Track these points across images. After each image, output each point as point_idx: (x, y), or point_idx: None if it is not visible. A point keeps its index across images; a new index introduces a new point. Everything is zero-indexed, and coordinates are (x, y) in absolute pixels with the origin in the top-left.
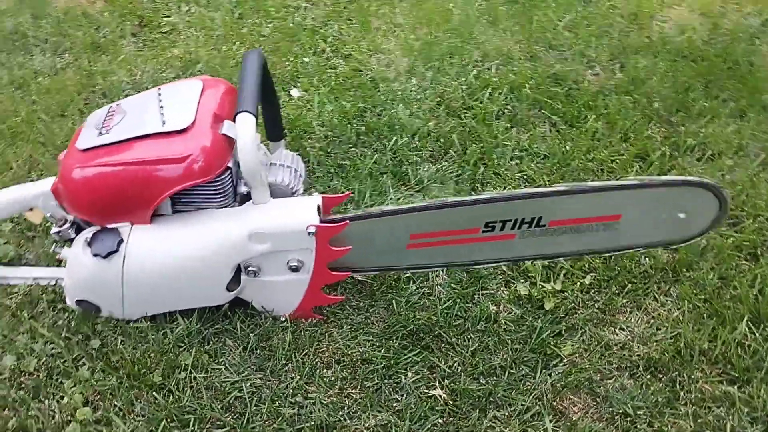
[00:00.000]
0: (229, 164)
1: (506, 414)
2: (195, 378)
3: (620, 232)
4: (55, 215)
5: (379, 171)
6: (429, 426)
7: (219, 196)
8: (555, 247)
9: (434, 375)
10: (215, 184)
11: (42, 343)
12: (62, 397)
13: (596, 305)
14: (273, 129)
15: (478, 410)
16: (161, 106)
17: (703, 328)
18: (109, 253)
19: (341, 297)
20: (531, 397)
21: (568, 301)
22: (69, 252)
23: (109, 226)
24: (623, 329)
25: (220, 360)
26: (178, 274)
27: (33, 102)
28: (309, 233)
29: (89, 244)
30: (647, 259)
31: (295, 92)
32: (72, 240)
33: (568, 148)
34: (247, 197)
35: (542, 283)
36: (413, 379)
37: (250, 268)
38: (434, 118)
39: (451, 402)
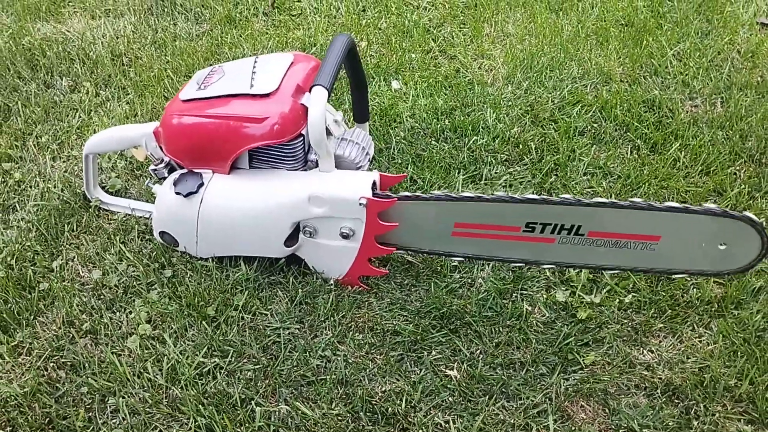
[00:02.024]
0: (303, 132)
1: (514, 405)
2: (243, 318)
3: (659, 254)
4: (155, 154)
5: (454, 166)
6: (438, 401)
7: (290, 159)
8: (592, 257)
9: (455, 357)
10: (288, 147)
11: (125, 264)
12: (130, 313)
13: (631, 324)
14: (359, 111)
15: (487, 396)
16: (254, 72)
17: (734, 365)
18: (189, 193)
19: (386, 271)
20: (542, 395)
21: (603, 315)
22: (159, 188)
23: (195, 170)
24: (652, 351)
25: (269, 307)
26: (244, 222)
27: (167, 62)
28: (360, 204)
29: (175, 183)
30: (695, 289)
31: (395, 84)
32: (165, 178)
33: (644, 172)
34: (316, 165)
35: (582, 294)
36: (435, 357)
37: (306, 228)
38: (519, 125)
39: (464, 384)
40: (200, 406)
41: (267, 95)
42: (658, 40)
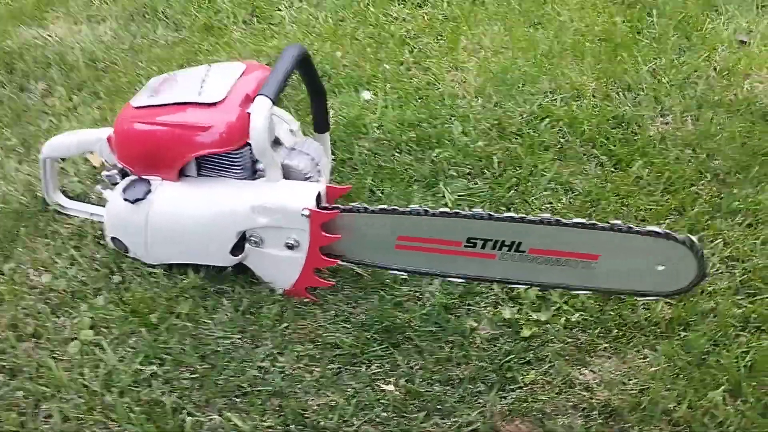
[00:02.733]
0: (250, 141)
1: (447, 423)
2: (186, 326)
3: (597, 273)
4: (108, 160)
5: (414, 179)
6: (372, 415)
7: (237, 168)
8: (534, 274)
9: (394, 372)
10: (235, 156)
11: (76, 269)
12: (75, 318)
13: (575, 343)
14: (319, 121)
15: (422, 413)
16: (203, 80)
17: (674, 388)
18: (137, 200)
19: (332, 282)
20: (477, 412)
21: (548, 333)
22: (110, 194)
23: (144, 177)
24: (593, 372)
25: (213, 315)
26: (190, 229)
27: (142, 68)
28: (303, 215)
29: (124, 189)
30: (644, 309)
31: (366, 95)
32: (117, 184)
33: (606, 188)
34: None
35: (529, 311)
36: (373, 371)
37: (252, 238)
38: (484, 139)
39: (400, 399)
40: (131, 413)
41: (214, 104)
42: (633, 56)
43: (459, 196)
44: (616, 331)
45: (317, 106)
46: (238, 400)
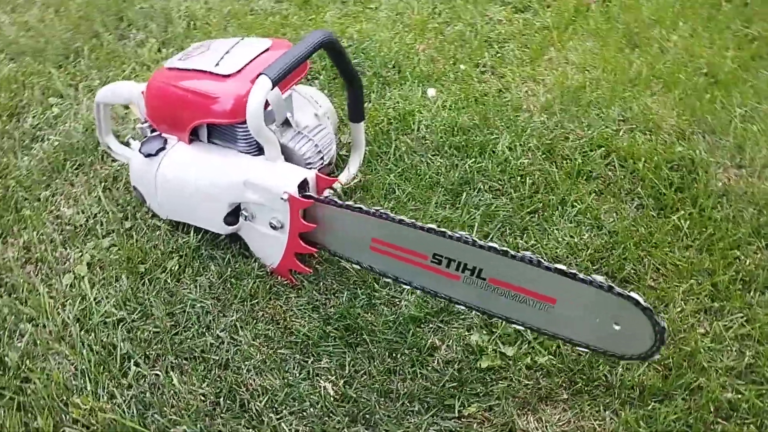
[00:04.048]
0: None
1: None
2: (167, 283)
3: (556, 319)
4: (142, 114)
5: (440, 184)
6: (298, 408)
7: (242, 141)
8: (496, 306)
9: (338, 371)
10: (239, 129)
11: (98, 208)
12: (79, 252)
13: (533, 387)
14: (352, 111)
15: (348, 419)
16: (227, 52)
17: None
18: (149, 155)
19: (309, 270)
20: (402, 431)
21: (509, 369)
22: (134, 145)
23: (164, 135)
24: (539, 421)
25: (197, 278)
26: (189, 192)
27: (228, 32)
28: (282, 199)
29: (142, 143)
30: (625, 369)
31: (431, 92)
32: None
33: (637, 232)
34: None
35: (498, 342)
36: (319, 366)
37: (244, 212)
38: (529, 157)
39: (332, 400)
40: (88, 351)
41: (227, 76)
42: (729, 97)
43: (475, 209)
44: (582, 384)
45: (351, 96)
46: (186, 362)
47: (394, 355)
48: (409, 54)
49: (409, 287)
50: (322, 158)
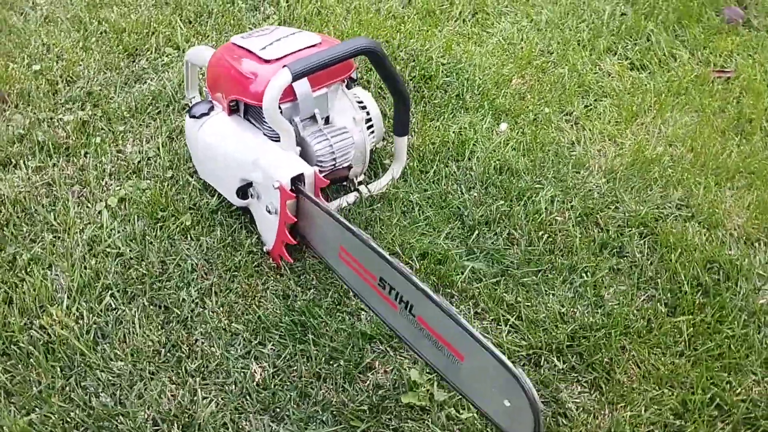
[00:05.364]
0: (284, 106)
1: (273, 426)
2: (172, 235)
3: (463, 377)
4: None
5: (460, 215)
6: (220, 381)
7: (267, 124)
8: (422, 347)
9: (273, 360)
10: None
11: (154, 153)
12: (120, 185)
13: None
14: (397, 124)
15: (260, 405)
16: (278, 39)
17: None
18: (193, 117)
19: (291, 260)
20: None
21: (430, 414)
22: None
23: (213, 102)
24: None
25: (201, 237)
26: (214, 159)
27: (342, 23)
28: (274, 187)
29: (192, 105)
30: None
31: (503, 126)
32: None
33: (636, 322)
34: None
35: (435, 383)
36: (260, 350)
37: (252, 190)
38: (563, 215)
39: (254, 384)
40: (80, 272)
41: (267, 61)
42: None
43: (480, 250)
44: None
45: (396, 109)
46: (153, 308)
47: (330, 362)
48: (500, 84)
49: (361, 302)
50: (334, 160)
